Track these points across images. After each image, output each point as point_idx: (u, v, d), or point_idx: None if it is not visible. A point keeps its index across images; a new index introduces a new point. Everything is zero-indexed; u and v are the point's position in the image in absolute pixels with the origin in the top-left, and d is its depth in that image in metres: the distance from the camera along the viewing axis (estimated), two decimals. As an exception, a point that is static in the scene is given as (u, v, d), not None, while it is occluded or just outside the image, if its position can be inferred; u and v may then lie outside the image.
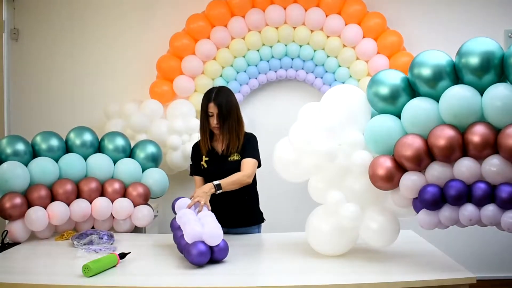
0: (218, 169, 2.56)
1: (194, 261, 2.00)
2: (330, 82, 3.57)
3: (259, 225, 2.73)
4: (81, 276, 1.91)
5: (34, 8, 3.78)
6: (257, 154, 2.61)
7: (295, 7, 3.48)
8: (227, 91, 2.60)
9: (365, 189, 2.06)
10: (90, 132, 2.83)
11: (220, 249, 2.06)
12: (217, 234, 2.05)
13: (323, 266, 2.06)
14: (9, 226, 2.50)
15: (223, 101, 2.52)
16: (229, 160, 2.57)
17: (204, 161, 2.63)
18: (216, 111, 2.51)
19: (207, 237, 2.02)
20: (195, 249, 1.99)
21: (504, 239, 3.47)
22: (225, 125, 2.53)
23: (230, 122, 2.54)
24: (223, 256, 2.08)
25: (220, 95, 2.54)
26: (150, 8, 3.76)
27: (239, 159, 2.56)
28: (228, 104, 2.53)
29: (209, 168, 2.62)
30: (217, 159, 2.60)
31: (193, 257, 1.99)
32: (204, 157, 2.63)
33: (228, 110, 2.53)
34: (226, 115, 2.52)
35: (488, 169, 1.80)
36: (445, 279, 1.87)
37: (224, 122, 2.53)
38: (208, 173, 2.62)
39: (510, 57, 1.78)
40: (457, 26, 3.67)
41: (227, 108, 2.53)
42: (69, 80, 3.78)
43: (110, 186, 2.72)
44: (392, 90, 1.98)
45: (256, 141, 2.65)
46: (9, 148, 2.58)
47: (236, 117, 2.57)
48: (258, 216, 2.72)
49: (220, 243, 2.06)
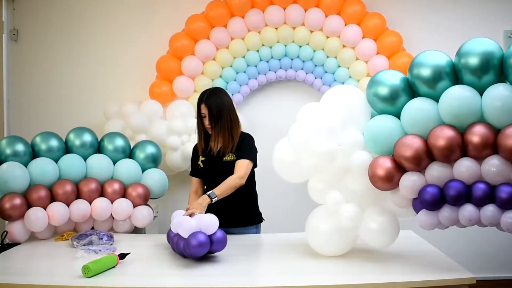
0: (214, 169, 2.60)
1: (195, 252, 2.00)
2: (330, 83, 3.58)
3: (257, 225, 2.72)
4: (80, 276, 1.91)
5: (33, 9, 3.78)
6: (253, 154, 2.61)
7: (294, 8, 3.48)
8: (219, 92, 2.63)
9: (364, 190, 2.06)
10: (90, 132, 2.83)
11: (218, 239, 2.06)
12: (213, 222, 2.07)
13: (323, 267, 2.06)
14: (9, 227, 2.50)
15: (214, 102, 2.54)
16: (224, 160, 2.59)
17: (200, 161, 2.65)
18: (207, 112, 2.54)
19: (204, 226, 2.04)
20: (194, 240, 2.00)
21: (504, 239, 3.46)
22: (217, 125, 2.56)
23: (222, 122, 2.55)
24: (222, 247, 2.09)
25: (211, 96, 2.56)
26: (149, 9, 3.76)
27: (233, 159, 2.57)
28: (218, 105, 2.55)
29: (205, 168, 2.64)
30: (213, 159, 2.62)
31: (193, 247, 1.99)
32: (201, 157, 2.65)
33: (219, 111, 2.55)
34: (217, 116, 2.55)
35: (488, 169, 1.80)
36: (445, 279, 1.87)
37: (215, 123, 2.55)
38: (204, 173, 2.65)
39: (509, 57, 1.78)
40: (457, 26, 3.67)
41: (218, 109, 2.54)
42: (68, 80, 3.78)
43: (109, 186, 2.72)
44: (391, 90, 1.98)
45: (252, 140, 2.65)
46: (9, 148, 2.58)
47: (229, 117, 2.58)
48: (256, 216, 2.72)
49: (218, 234, 2.08)
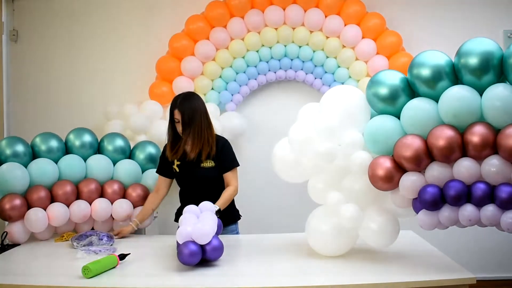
0: (190, 174, 2.59)
1: (185, 261, 1.98)
2: (330, 83, 3.58)
3: (236, 223, 2.74)
4: (80, 277, 1.91)
5: (33, 10, 3.78)
6: (235, 159, 2.65)
7: (294, 8, 3.48)
8: (192, 97, 2.59)
9: (364, 190, 2.06)
10: (90, 133, 2.83)
11: (213, 248, 2.02)
12: (206, 233, 2.01)
13: (323, 267, 2.06)
14: (9, 228, 2.50)
15: (186, 107, 2.51)
16: (201, 167, 2.58)
17: (176, 165, 2.63)
18: (180, 117, 2.51)
19: (196, 236, 2.00)
20: (186, 249, 1.98)
21: (504, 239, 3.46)
22: (191, 131, 2.52)
23: (195, 128, 2.52)
24: (217, 255, 2.05)
25: (185, 102, 2.53)
26: (149, 9, 3.76)
27: (212, 166, 2.57)
28: (191, 110, 2.51)
29: (181, 173, 2.62)
30: (189, 164, 2.59)
31: (184, 256, 1.97)
32: (176, 161, 2.62)
33: (191, 117, 2.51)
34: (189, 121, 2.51)
35: (488, 169, 1.80)
36: (445, 279, 1.87)
37: (188, 128, 2.52)
38: (180, 178, 2.64)
39: (509, 57, 1.78)
40: (456, 26, 3.67)
41: (190, 114, 2.51)
42: (68, 81, 3.78)
43: (109, 187, 2.73)
44: (391, 90, 1.98)
45: (229, 145, 2.66)
46: (9, 149, 2.58)
47: (204, 122, 2.55)
48: (234, 213, 2.73)
49: (214, 243, 2.03)
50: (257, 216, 3.04)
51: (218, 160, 2.59)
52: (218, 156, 2.58)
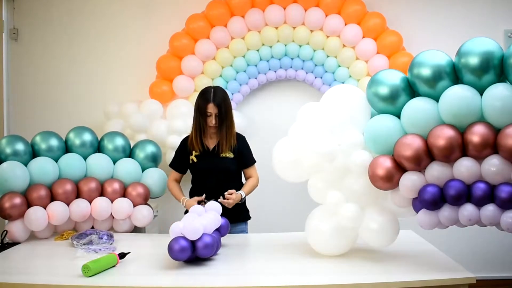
0: (209, 164, 2.64)
1: (174, 257, 1.99)
2: (330, 82, 3.57)
3: (246, 222, 2.76)
4: (80, 276, 1.91)
5: (33, 8, 3.78)
6: (253, 156, 2.76)
7: (294, 7, 3.48)
8: (223, 91, 2.68)
9: (364, 189, 2.06)
10: (90, 132, 2.83)
11: (204, 245, 2.01)
12: (196, 229, 2.00)
13: (323, 266, 2.06)
14: (9, 226, 2.50)
15: (222, 101, 2.59)
16: (221, 156, 2.63)
17: (194, 155, 2.67)
18: (216, 111, 2.57)
19: (186, 232, 2.00)
20: (176, 244, 1.98)
21: (504, 239, 3.46)
22: (223, 124, 2.61)
23: (227, 122, 2.62)
24: (208, 253, 2.04)
25: (218, 95, 2.60)
26: (149, 8, 3.76)
27: (231, 157, 2.65)
28: (226, 105, 2.61)
29: (199, 163, 2.67)
30: (207, 154, 2.66)
31: (174, 252, 1.98)
32: (194, 152, 2.67)
33: (226, 111, 2.61)
34: (225, 115, 2.60)
35: (488, 169, 1.80)
36: (445, 279, 1.87)
37: (222, 122, 2.61)
38: (198, 167, 2.68)
39: (509, 57, 1.78)
40: (457, 26, 3.66)
41: (226, 108, 2.61)
42: (68, 79, 3.78)
43: (109, 186, 2.72)
44: (391, 90, 1.98)
45: (247, 141, 2.77)
46: (9, 148, 2.58)
47: (232, 117, 2.67)
48: (244, 213, 2.75)
49: (205, 239, 2.02)
50: (256, 216, 3.03)
51: (238, 154, 2.67)
52: (239, 150, 2.68)
